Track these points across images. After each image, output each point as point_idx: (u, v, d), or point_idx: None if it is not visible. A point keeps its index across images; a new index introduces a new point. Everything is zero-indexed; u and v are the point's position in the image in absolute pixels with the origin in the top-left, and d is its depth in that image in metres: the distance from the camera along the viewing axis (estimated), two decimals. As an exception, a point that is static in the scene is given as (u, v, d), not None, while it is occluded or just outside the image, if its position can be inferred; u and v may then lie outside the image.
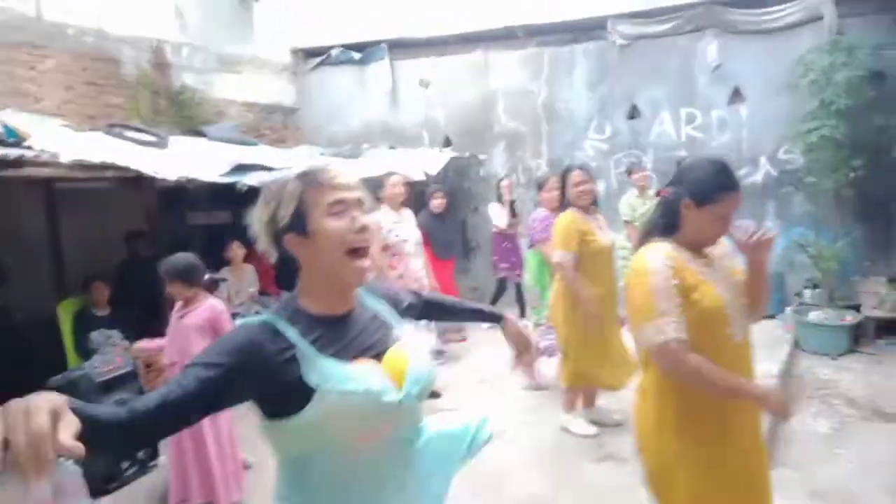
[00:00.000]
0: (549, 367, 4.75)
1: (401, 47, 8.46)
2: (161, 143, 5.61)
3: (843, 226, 6.40)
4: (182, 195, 6.54)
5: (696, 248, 1.92)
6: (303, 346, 1.21)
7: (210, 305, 3.45)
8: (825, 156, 6.13)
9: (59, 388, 3.68)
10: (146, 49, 7.25)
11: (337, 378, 1.19)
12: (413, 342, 1.38)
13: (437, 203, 5.86)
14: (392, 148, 8.34)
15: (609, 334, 3.90)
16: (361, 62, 8.72)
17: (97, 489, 3.41)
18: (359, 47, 8.67)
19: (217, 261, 5.99)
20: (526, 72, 7.93)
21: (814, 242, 6.28)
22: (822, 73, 6.04)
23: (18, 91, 6.11)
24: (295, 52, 8.99)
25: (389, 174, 4.94)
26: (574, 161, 6.70)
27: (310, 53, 9.03)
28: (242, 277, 6.02)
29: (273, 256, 1.33)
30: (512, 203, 6.46)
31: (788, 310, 6.17)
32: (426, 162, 7.02)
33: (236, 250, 5.93)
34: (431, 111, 8.38)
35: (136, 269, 5.57)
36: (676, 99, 7.21)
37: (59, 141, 4.84)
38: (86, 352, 4.56)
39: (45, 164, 4.05)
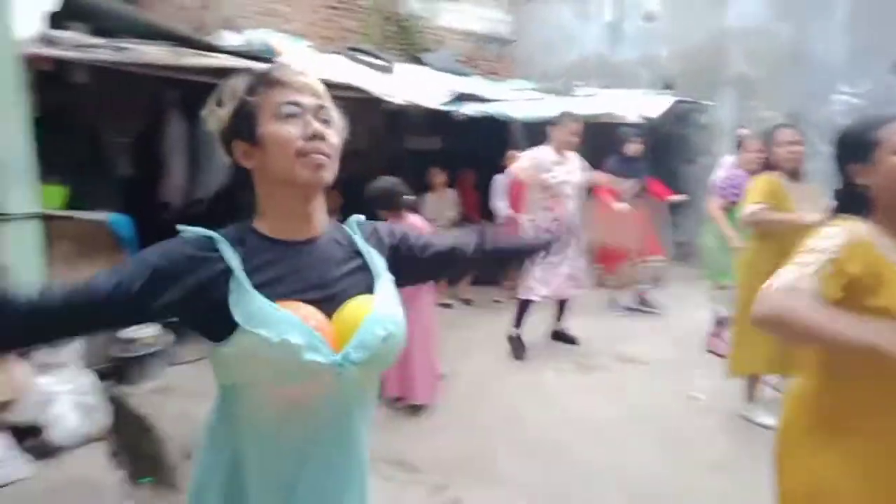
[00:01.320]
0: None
1: (628, -24, 7.95)
2: (388, 69, 5.96)
3: None
4: (401, 119, 6.96)
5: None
6: (237, 274, 1.05)
7: (409, 224, 3.73)
8: None
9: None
10: (380, -25, 7.64)
11: (258, 319, 1.02)
12: (385, 297, 1.16)
13: (633, 147, 5.51)
14: (606, 87, 8.03)
15: None
16: (584, -7, 8.38)
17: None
18: (582, -23, 8.32)
19: (424, 183, 6.34)
20: (771, 9, 7.03)
21: None
22: None
23: (273, 12, 6.84)
24: (516, -20, 8.89)
25: (569, 116, 4.61)
26: (819, 117, 5.94)
27: (530, -17, 8.88)
28: (444, 201, 6.32)
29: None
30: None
31: None
32: (644, 104, 6.66)
33: (437, 176, 6.22)
34: (654, 48, 7.85)
35: (354, 185, 6.09)
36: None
37: (306, 60, 5.37)
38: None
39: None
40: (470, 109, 5.55)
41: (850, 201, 1.55)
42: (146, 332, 3.86)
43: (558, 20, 8.56)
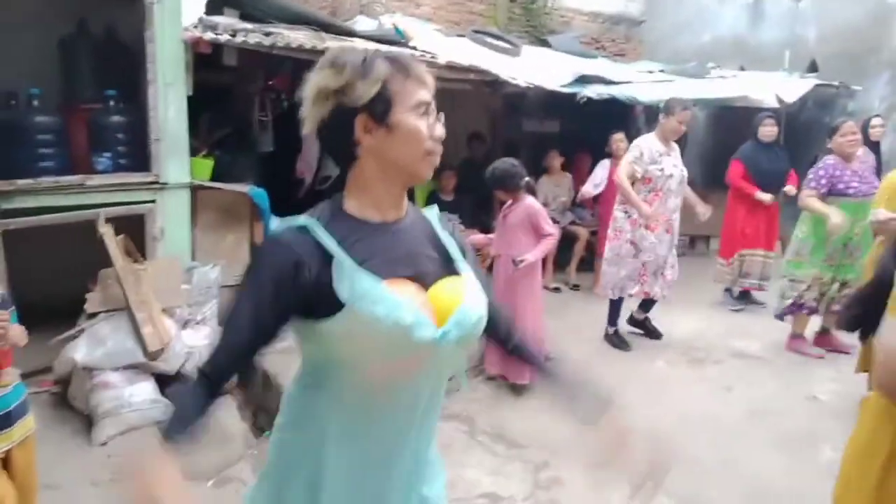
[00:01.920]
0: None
1: (776, -48, 7.37)
2: (514, 52, 5.99)
3: None
4: (521, 102, 6.96)
5: None
6: (339, 256, 1.08)
7: (526, 205, 3.78)
8: None
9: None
10: (508, -42, 7.63)
11: (369, 297, 1.05)
12: (473, 284, 1.21)
13: (766, 131, 5.09)
14: (742, 69, 7.54)
15: None
16: (724, -31, 7.89)
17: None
18: (724, -48, 7.83)
19: (540, 166, 6.32)
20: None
21: None
22: None
23: (403, -4, 7.07)
24: (650, -43, 8.53)
25: (681, 102, 4.34)
26: None
27: (667, -40, 8.48)
28: (560, 185, 6.27)
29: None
30: (877, 146, 5.30)
31: None
32: (781, 88, 6.21)
33: (554, 159, 6.17)
34: (800, 28, 7.25)
35: (474, 167, 6.21)
36: None
37: (435, 43, 5.53)
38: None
39: (423, 64, 4.68)
40: (592, 92, 5.45)
41: None
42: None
43: (694, -1, 8.13)
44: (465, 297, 1.15)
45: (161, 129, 3.85)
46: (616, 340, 4.56)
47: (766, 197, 5.01)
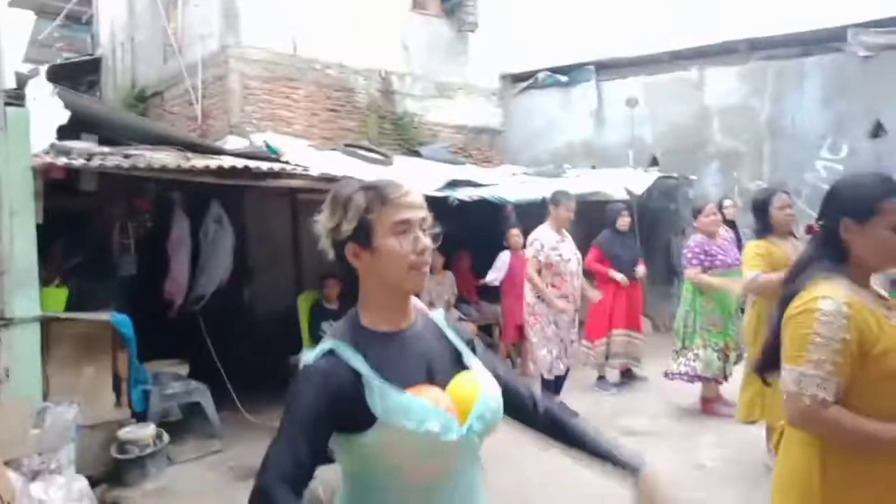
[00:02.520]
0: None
1: (608, 68, 8.43)
2: (387, 162, 6.21)
3: None
4: (398, 209, 7.15)
5: (867, 279, 1.63)
6: (367, 374, 1.19)
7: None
8: None
9: (297, 366, 4.28)
10: (376, 79, 8.11)
11: (397, 411, 1.16)
12: (485, 374, 1.32)
13: (623, 221, 5.67)
14: (593, 168, 8.31)
15: None
16: (567, 84, 8.85)
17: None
18: (565, 70, 8.82)
19: (425, 270, 6.43)
20: (747, 87, 7.42)
21: None
22: None
23: (275, 116, 7.23)
24: (503, 77, 9.40)
25: (565, 195, 4.83)
26: (802, 184, 6.14)
27: (517, 78, 9.38)
28: (443, 284, 6.41)
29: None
30: (733, 224, 5.97)
31: None
32: (630, 182, 6.87)
33: (436, 259, 6.34)
34: (638, 130, 8.19)
35: (355, 274, 6.21)
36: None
37: (307, 158, 5.63)
38: (318, 338, 5.20)
39: (297, 176, 4.74)
40: (464, 194, 5.73)
41: (830, 250, 1.62)
42: (143, 433, 3.83)
43: (545, 110, 8.99)
44: (480, 390, 1.26)
45: (6, 261, 3.54)
46: None
47: (619, 276, 5.45)
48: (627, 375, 5.77)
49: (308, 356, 1.24)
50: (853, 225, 1.58)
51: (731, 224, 5.87)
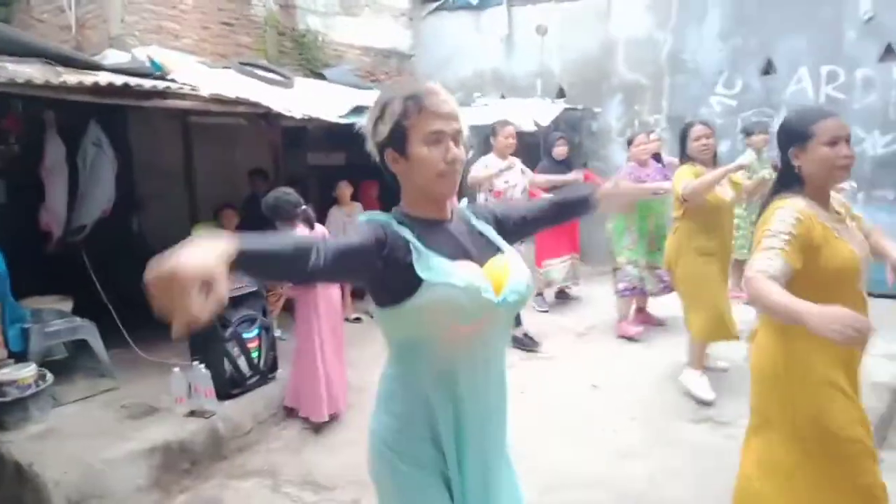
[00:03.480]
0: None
1: (519, -8, 8.25)
2: (287, 84, 5.85)
3: None
4: (304, 135, 6.85)
5: (826, 198, 1.96)
6: (414, 242, 1.35)
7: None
8: None
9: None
10: (275, -10, 7.52)
11: (443, 272, 1.32)
12: (516, 258, 1.50)
13: (559, 150, 5.79)
14: (503, 97, 8.25)
15: (722, 287, 3.88)
16: (478, 7, 8.60)
17: (223, 393, 3.78)
18: (477, -8, 8.55)
19: (330, 199, 6.27)
20: (651, 19, 7.50)
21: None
22: None
23: (161, 29, 6.56)
24: (413, -4, 9.00)
25: (503, 123, 4.97)
26: (697, 118, 6.34)
27: (427, -2, 9.01)
28: (352, 215, 6.28)
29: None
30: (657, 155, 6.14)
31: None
32: (537, 112, 6.89)
33: (344, 189, 6.19)
34: (547, 60, 8.16)
35: (257, 204, 5.94)
36: (818, 54, 6.58)
37: (197, 76, 5.18)
38: (215, 273, 4.98)
39: (185, 97, 4.35)
40: (370, 122, 5.53)
41: (789, 177, 1.96)
42: (23, 373, 3.56)
43: (455, 35, 8.74)
44: (512, 270, 1.44)
45: None
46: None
47: (562, 178, 5.50)
48: (562, 295, 6.11)
49: (363, 218, 1.42)
50: (799, 151, 1.92)
51: (657, 156, 6.06)
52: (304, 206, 3.87)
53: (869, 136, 6.43)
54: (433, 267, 1.33)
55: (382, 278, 1.35)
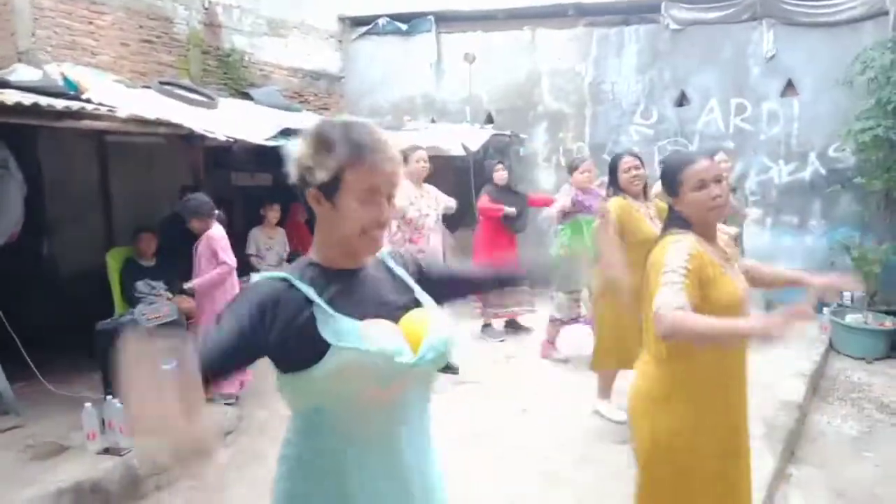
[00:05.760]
0: (571, 339, 5.17)
1: (447, 20, 8.41)
2: (211, 104, 5.72)
3: (891, 229, 6.25)
4: (228, 156, 6.66)
5: (712, 236, 2.01)
6: (318, 302, 1.23)
7: (209, 234, 4.19)
8: (877, 156, 5.98)
9: (108, 332, 3.87)
10: (198, 9, 7.35)
11: (352, 335, 1.20)
12: (434, 309, 1.37)
13: (499, 175, 5.84)
14: (433, 121, 8.36)
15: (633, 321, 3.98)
16: (407, 33, 8.71)
17: (140, 431, 3.59)
18: (406, 18, 8.65)
19: (256, 221, 6.14)
20: (573, 52, 7.83)
21: (858, 245, 6.15)
22: (882, 71, 5.85)
23: (76, 44, 6.28)
24: (342, 19, 9.00)
25: (413, 148, 4.82)
26: (617, 146, 6.67)
27: (357, 22, 9.03)
28: (274, 238, 6.18)
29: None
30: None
31: (826, 311, 6.07)
32: (466, 137, 7.02)
33: (270, 210, 6.09)
34: (475, 87, 8.35)
35: (181, 223, 5.74)
36: (727, 88, 7.07)
37: (114, 96, 4.98)
38: (131, 299, 4.75)
39: (101, 118, 4.17)
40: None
41: (677, 217, 2.02)
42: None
43: (385, 59, 8.81)
44: (431, 324, 1.30)
45: None
46: None
47: (511, 210, 5.67)
48: (512, 325, 6.04)
49: (255, 278, 1.28)
50: (675, 199, 2.00)
51: None
52: (218, 211, 4.30)
53: (775, 165, 6.93)
54: (341, 330, 1.20)
55: (281, 348, 1.22)
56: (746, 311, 1.94)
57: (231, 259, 4.23)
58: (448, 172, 5.74)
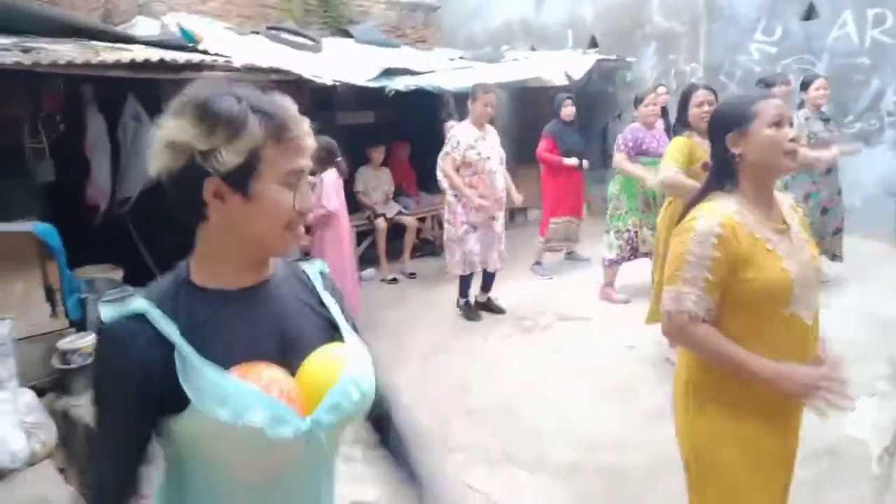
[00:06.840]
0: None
1: (549, -63, 7.96)
2: (316, 48, 5.85)
3: None
4: (332, 96, 6.84)
5: (767, 198, 1.67)
6: (180, 346, 0.94)
7: (322, 179, 4.28)
8: None
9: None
10: (299, -52, 7.40)
11: (213, 396, 0.91)
12: (358, 350, 1.08)
13: (566, 111, 5.69)
14: (533, 49, 8.08)
15: None
16: (506, -46, 8.34)
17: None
18: (504, -62, 8.27)
19: (359, 158, 6.32)
20: (687, -37, 7.20)
21: None
22: None
23: (188, -7, 6.56)
24: (438, -55, 8.75)
25: (483, 87, 4.61)
26: (736, 67, 6.18)
27: (453, -54, 8.75)
28: (380, 177, 6.38)
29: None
30: (665, 110, 6.01)
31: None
32: (569, 65, 6.76)
33: (375, 151, 6.27)
34: (578, 9, 7.92)
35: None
36: (865, -5, 6.28)
37: (227, 44, 5.22)
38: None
39: (218, 68, 4.40)
40: (400, 84, 5.51)
41: (724, 173, 1.68)
42: (84, 342, 3.78)
43: (482, -16, 8.51)
44: (343, 371, 1.00)
45: None
46: (467, 311, 4.86)
47: (573, 161, 5.61)
48: (571, 256, 6.11)
49: (107, 313, 0.95)
50: (737, 136, 1.63)
51: (664, 111, 5.92)
52: (339, 159, 4.38)
53: (919, 82, 6.17)
54: (202, 385, 0.92)
55: (150, 394, 0.95)
56: (802, 300, 1.59)
57: (331, 204, 4.29)
58: (540, 105, 5.62)
